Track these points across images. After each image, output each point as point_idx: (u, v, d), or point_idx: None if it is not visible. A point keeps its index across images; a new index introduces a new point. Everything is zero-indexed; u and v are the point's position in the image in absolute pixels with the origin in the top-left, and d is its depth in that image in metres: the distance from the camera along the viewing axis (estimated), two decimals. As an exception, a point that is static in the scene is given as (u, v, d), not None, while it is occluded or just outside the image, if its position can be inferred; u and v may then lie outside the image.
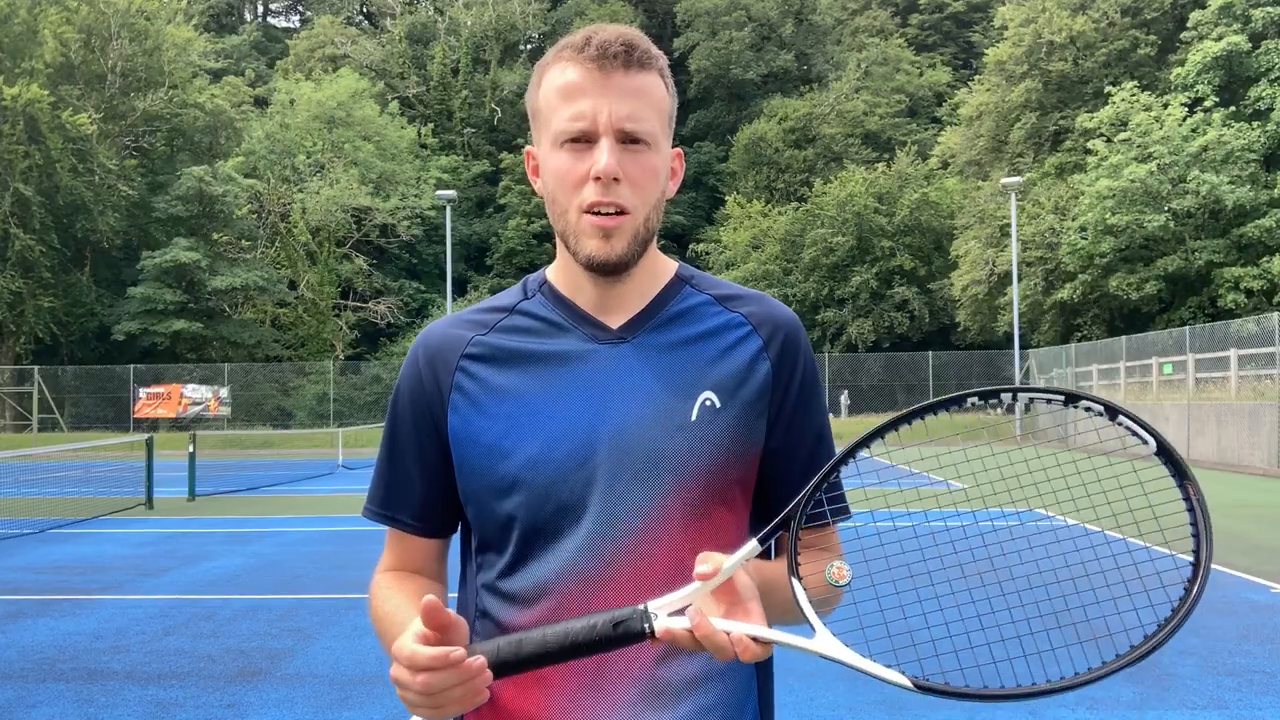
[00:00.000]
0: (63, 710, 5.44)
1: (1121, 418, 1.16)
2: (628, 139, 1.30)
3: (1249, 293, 33.26)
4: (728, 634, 1.12)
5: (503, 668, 1.15)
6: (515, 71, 57.73)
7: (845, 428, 36.62)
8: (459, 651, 1.11)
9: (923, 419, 1.21)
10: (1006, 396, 1.20)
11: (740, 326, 1.39)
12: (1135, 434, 1.16)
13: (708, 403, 1.34)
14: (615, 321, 1.38)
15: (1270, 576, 8.88)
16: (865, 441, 1.23)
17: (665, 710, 1.29)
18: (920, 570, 1.34)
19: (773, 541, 1.25)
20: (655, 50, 1.35)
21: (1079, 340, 37.05)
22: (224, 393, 41.13)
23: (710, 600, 1.15)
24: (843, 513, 1.38)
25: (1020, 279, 36.82)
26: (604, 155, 1.28)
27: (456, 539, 1.49)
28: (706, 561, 1.14)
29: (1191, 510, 1.14)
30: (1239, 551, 10.17)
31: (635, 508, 1.30)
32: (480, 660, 1.12)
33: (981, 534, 1.41)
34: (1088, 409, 1.18)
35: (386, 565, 1.47)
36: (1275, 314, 24.38)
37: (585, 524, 1.30)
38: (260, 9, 75.00)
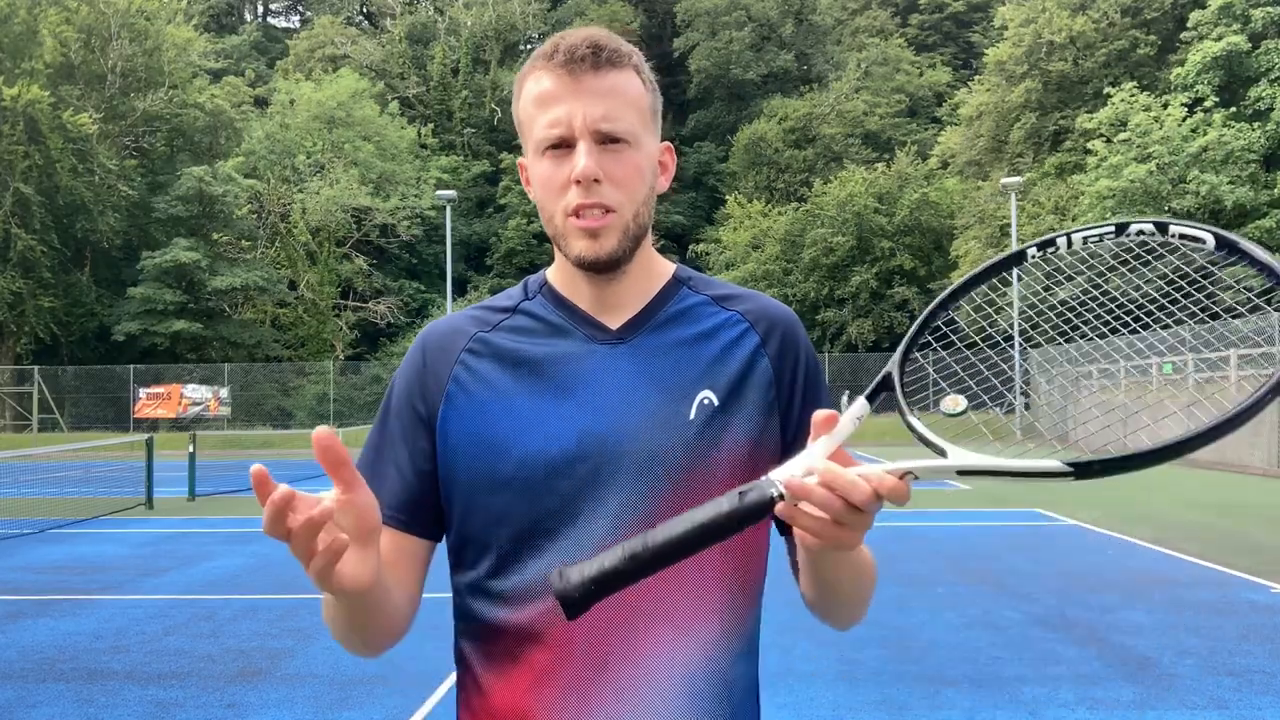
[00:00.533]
0: (63, 710, 5.44)
1: (1172, 226, 1.15)
2: (605, 139, 1.30)
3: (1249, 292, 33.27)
4: (860, 475, 1.06)
5: (631, 565, 1.05)
6: (515, 71, 57.05)
7: (862, 428, 36.61)
8: (284, 489, 1.09)
9: (1004, 271, 1.25)
10: (1062, 242, 1.22)
11: (737, 324, 1.40)
12: (1189, 237, 1.14)
13: (705, 401, 1.34)
14: (614, 322, 1.38)
15: (1270, 576, 8.88)
16: (967, 287, 1.25)
17: (671, 708, 1.29)
18: None
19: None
20: (626, 47, 1.35)
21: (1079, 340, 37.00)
22: (224, 393, 41.14)
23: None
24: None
25: (1020, 279, 36.75)
26: (582, 159, 1.29)
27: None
28: (824, 412, 1.10)
29: (1274, 274, 1.11)
30: (1239, 551, 10.17)
31: (632, 506, 1.30)
32: (285, 489, 1.09)
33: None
34: (1139, 231, 1.18)
35: None
36: (1275, 314, 24.38)
37: (580, 523, 1.30)
38: (260, 9, 75.02)
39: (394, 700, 5.53)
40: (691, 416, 1.33)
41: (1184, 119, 34.65)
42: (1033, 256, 1.23)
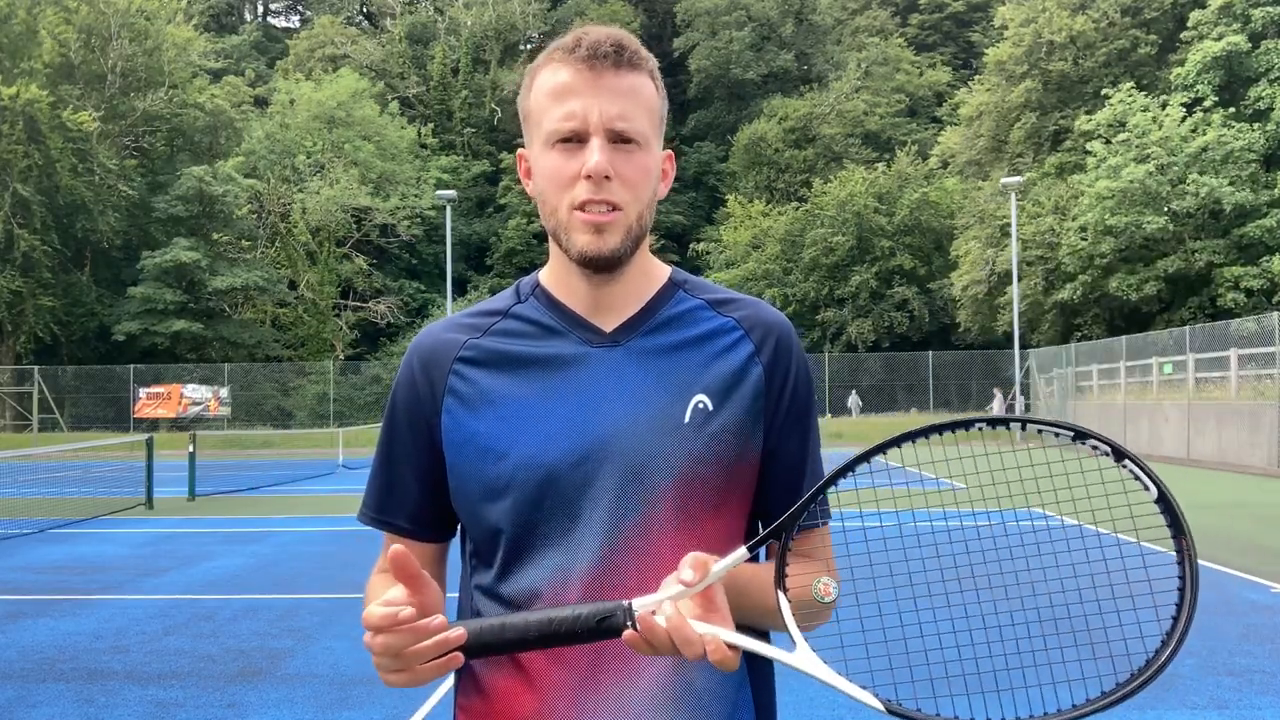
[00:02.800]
0: (63, 710, 5.44)
1: (1127, 461, 1.15)
2: (618, 138, 1.30)
3: (1249, 292, 33.25)
4: (700, 635, 1.13)
5: (484, 648, 1.16)
6: (515, 71, 57.70)
7: (854, 428, 36.62)
8: (408, 611, 1.12)
9: (927, 439, 1.21)
10: (1015, 425, 1.20)
11: (733, 331, 1.40)
12: (1138, 479, 1.15)
13: (700, 405, 1.34)
14: (608, 324, 1.38)
15: (1270, 576, 8.88)
16: (865, 457, 1.22)
17: (661, 714, 1.29)
18: (904, 584, 1.34)
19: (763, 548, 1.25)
20: (645, 52, 1.36)
21: (1079, 340, 37.04)
22: (224, 393, 41.13)
23: (688, 602, 1.16)
24: (824, 515, 1.40)
25: (1020, 279, 36.80)
26: (595, 154, 1.29)
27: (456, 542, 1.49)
28: (692, 568, 1.14)
29: (1181, 564, 1.14)
30: (1239, 551, 10.17)
31: (628, 510, 1.30)
32: (439, 620, 1.13)
33: (966, 540, 1.41)
34: (1094, 447, 1.17)
35: (381, 567, 1.46)
36: (1275, 314, 24.37)
37: (578, 527, 1.31)
38: (260, 9, 75.01)
39: (394, 700, 5.53)
40: (686, 420, 1.33)
41: (1183, 119, 34.64)
42: (978, 429, 1.22)
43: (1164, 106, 35.53)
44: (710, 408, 1.34)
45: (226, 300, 44.16)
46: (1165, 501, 1.15)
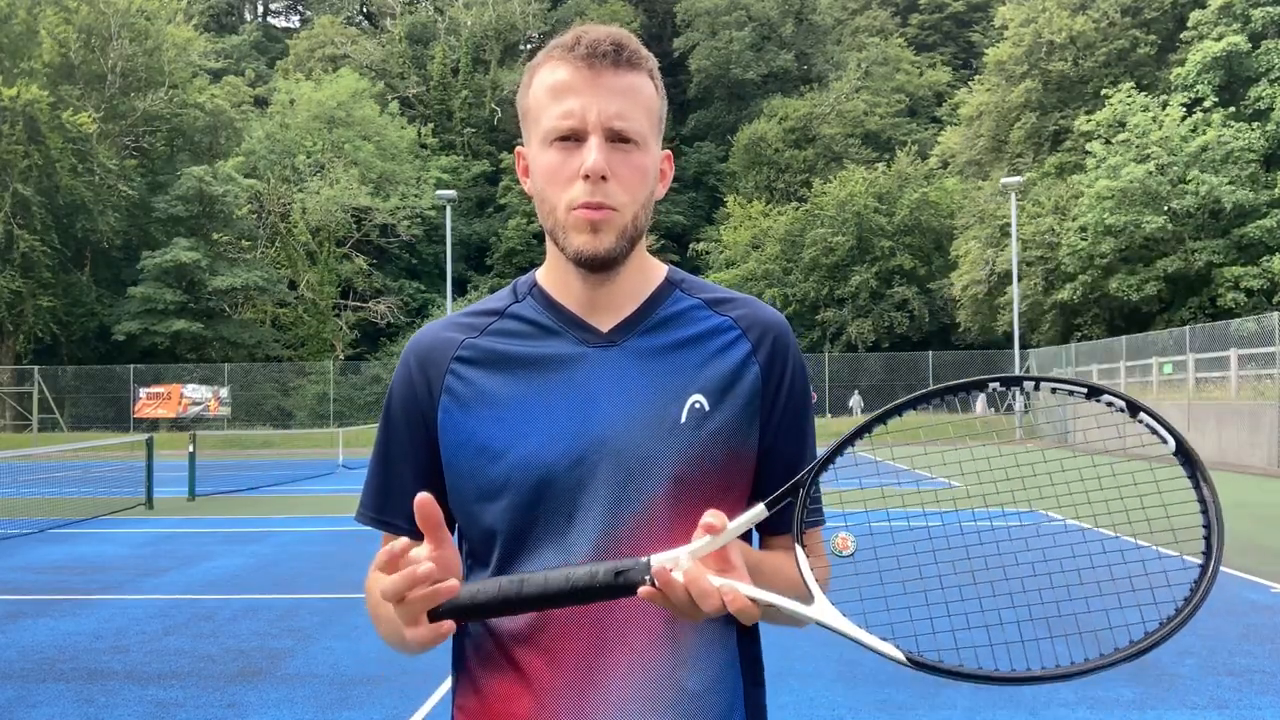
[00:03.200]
0: (63, 710, 5.44)
1: (1143, 414, 1.15)
2: (617, 138, 1.30)
3: (1249, 292, 33.25)
4: (718, 586, 1.14)
5: (505, 604, 1.17)
6: (515, 71, 57.72)
7: (853, 427, 36.58)
8: (420, 549, 1.14)
9: (942, 400, 1.21)
10: (1029, 385, 1.21)
11: (729, 330, 1.40)
12: (1155, 432, 1.15)
13: (696, 405, 1.34)
14: (605, 324, 1.38)
15: (1270, 576, 8.88)
16: (882, 418, 1.23)
17: (658, 715, 1.29)
18: (926, 558, 1.34)
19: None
20: (645, 51, 1.36)
21: (1079, 340, 37.05)
22: (224, 393, 41.14)
23: (706, 560, 1.17)
24: (820, 517, 1.40)
25: (1020, 279, 36.82)
26: (593, 153, 1.28)
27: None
28: (714, 516, 1.15)
29: (1205, 512, 1.13)
30: (1239, 551, 10.17)
31: (624, 510, 1.30)
32: (429, 568, 1.13)
33: (979, 531, 1.41)
34: (1109, 404, 1.18)
35: (379, 564, 1.46)
36: (1275, 314, 24.38)
37: (574, 527, 1.31)
38: (260, 9, 75.02)
39: (394, 700, 5.54)
40: (683, 420, 1.33)
41: (1183, 119, 34.64)
42: (992, 390, 1.22)
43: (1164, 106, 35.53)
44: (707, 407, 1.34)
45: (226, 300, 44.16)
46: (1184, 452, 1.15)
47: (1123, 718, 5.21)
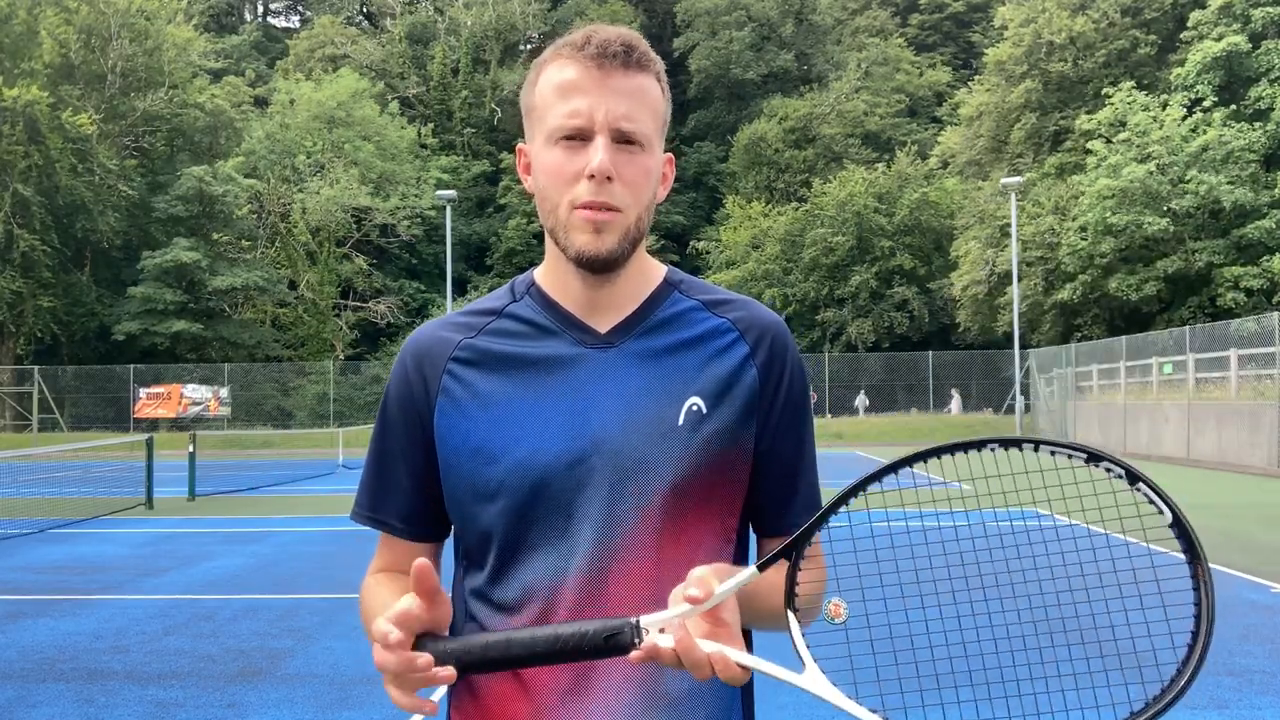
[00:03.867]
0: (63, 710, 5.44)
1: (1141, 485, 1.14)
2: (623, 139, 1.30)
3: (1249, 292, 33.24)
4: (708, 655, 1.12)
5: (488, 664, 1.15)
6: (515, 71, 57.72)
7: (854, 428, 36.62)
8: (397, 635, 1.12)
9: (939, 459, 1.19)
10: (1029, 446, 1.19)
11: (728, 332, 1.39)
12: (1153, 503, 1.14)
13: (694, 408, 1.33)
14: (603, 325, 1.37)
15: (1270, 576, 8.88)
16: (877, 476, 1.21)
17: (656, 715, 1.29)
18: (914, 600, 1.33)
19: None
20: (653, 54, 1.36)
21: (1079, 340, 37.04)
22: (224, 393, 41.14)
23: (696, 619, 1.15)
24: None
25: (1020, 279, 36.80)
26: (598, 153, 1.28)
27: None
28: (699, 585, 1.12)
29: (1197, 590, 1.12)
30: (1239, 551, 10.17)
31: (622, 512, 1.30)
32: (426, 659, 1.12)
33: (976, 551, 1.41)
34: (1108, 469, 1.16)
35: (376, 568, 1.46)
36: (1275, 314, 24.37)
37: (571, 529, 1.30)
38: (260, 9, 75.01)
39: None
40: (680, 422, 1.32)
41: (1184, 119, 34.64)
42: (992, 448, 1.20)
43: (1164, 106, 35.52)
44: (704, 410, 1.34)
45: (226, 300, 44.15)
46: (1180, 526, 1.14)
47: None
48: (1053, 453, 1.18)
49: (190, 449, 17.42)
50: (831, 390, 41.85)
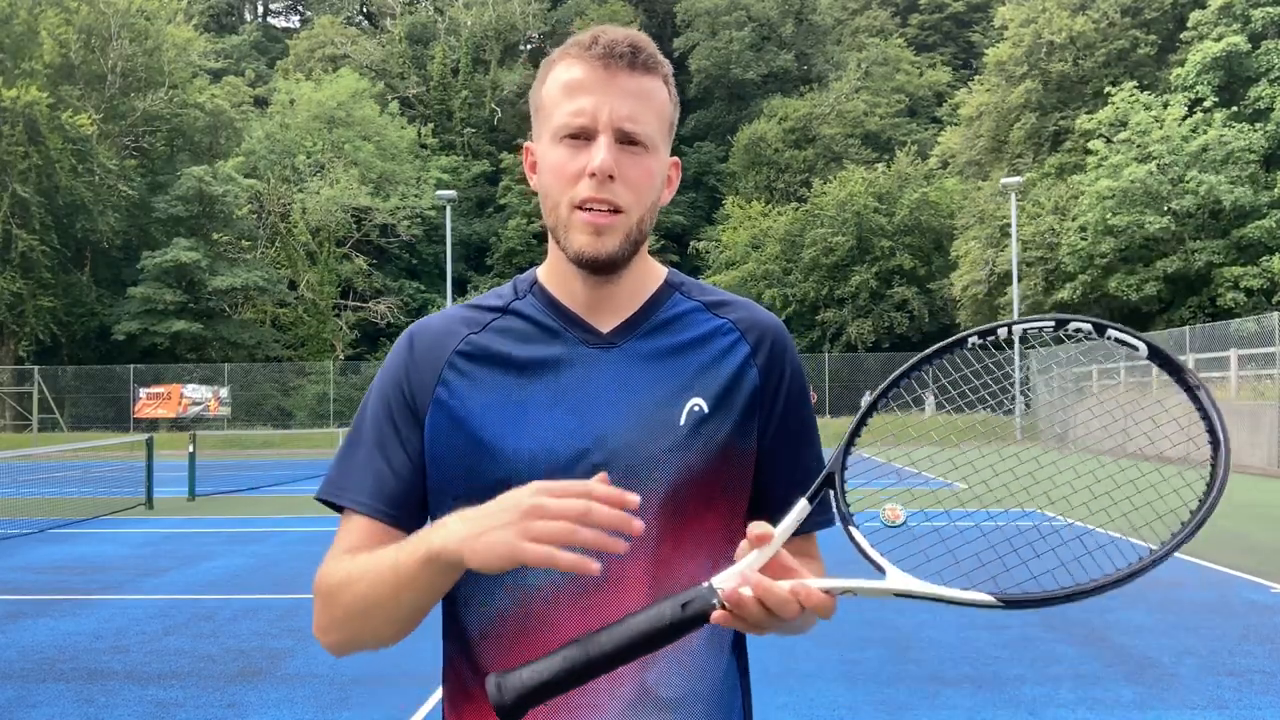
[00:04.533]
0: (63, 710, 5.44)
1: (1110, 330, 1.16)
2: (626, 139, 1.30)
3: (1249, 292, 33.25)
4: (790, 589, 1.11)
5: (574, 676, 1.08)
6: (515, 71, 57.73)
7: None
8: (634, 497, 1.09)
9: (931, 364, 1.23)
10: (1003, 332, 1.23)
11: (728, 333, 1.40)
12: (1125, 343, 1.16)
13: (695, 408, 1.33)
14: (605, 325, 1.37)
15: (1270, 576, 8.88)
16: (885, 390, 1.25)
17: (656, 714, 1.29)
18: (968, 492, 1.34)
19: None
20: (661, 57, 1.36)
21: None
22: (224, 393, 41.14)
23: (764, 570, 1.15)
24: (828, 522, 1.37)
25: (1020, 279, 36.81)
26: (601, 152, 1.28)
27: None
28: (760, 527, 1.14)
29: (1197, 400, 1.13)
30: (1239, 551, 10.17)
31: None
32: (628, 495, 1.09)
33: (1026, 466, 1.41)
34: (1077, 329, 1.19)
35: (346, 547, 1.38)
36: (1275, 314, 24.38)
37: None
38: (260, 9, 75.03)
39: (394, 700, 5.53)
40: (681, 423, 1.32)
41: (1184, 119, 34.64)
42: (973, 344, 1.24)
43: (1165, 106, 35.54)
44: (705, 410, 1.34)
45: (226, 300, 44.15)
46: (1159, 354, 1.16)
47: (1123, 718, 5.21)
48: (1025, 330, 1.22)
49: (190, 449, 17.42)
50: (831, 390, 41.85)
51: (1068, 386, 34.39)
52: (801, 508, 1.18)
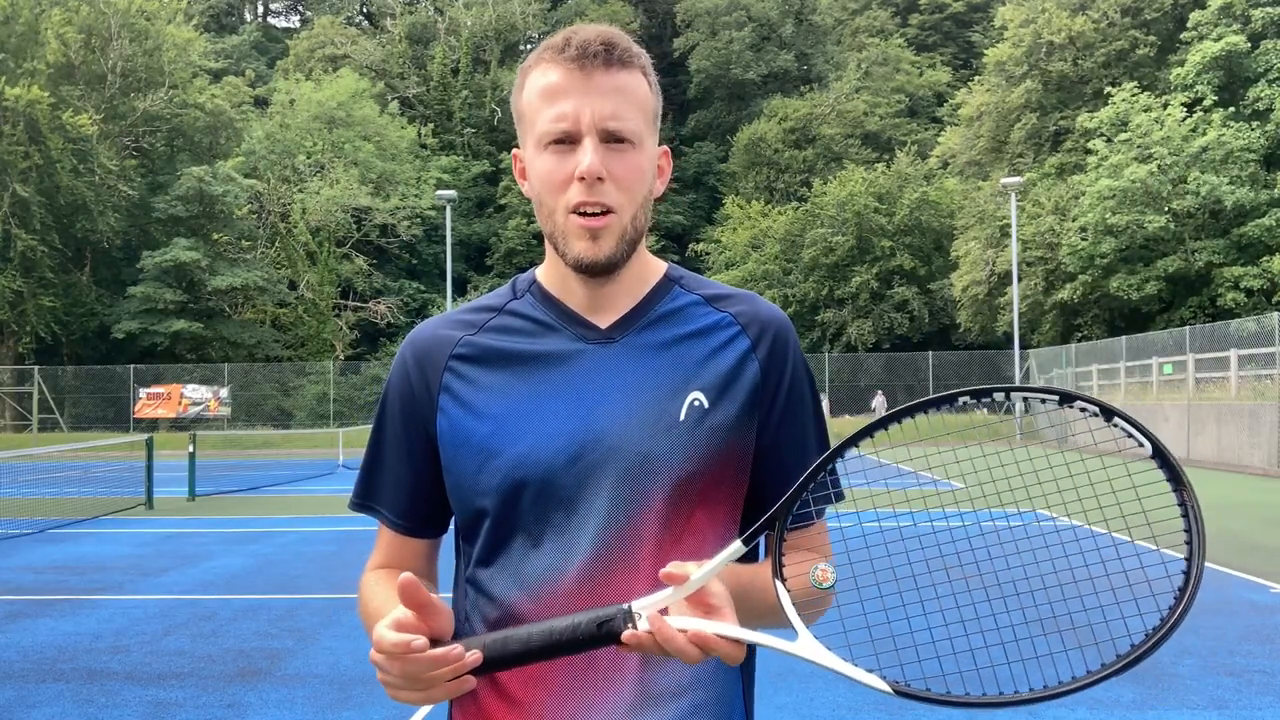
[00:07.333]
0: (63, 710, 5.44)
1: (1117, 419, 1.13)
2: (611, 138, 1.29)
3: (1249, 292, 33.26)
4: (685, 633, 1.12)
5: (488, 664, 1.16)
6: (515, 72, 57.36)
7: (854, 428, 36.58)
8: (420, 641, 1.13)
9: (913, 418, 1.20)
10: (1000, 395, 1.19)
11: (729, 327, 1.39)
12: (1131, 436, 1.14)
13: (696, 402, 1.33)
14: (604, 321, 1.38)
15: (1270, 576, 8.88)
16: (853, 440, 1.22)
17: (654, 712, 1.29)
18: (906, 573, 1.32)
19: (760, 540, 1.24)
20: (636, 48, 1.35)
21: (1079, 340, 37.05)
22: (224, 393, 41.14)
23: (685, 605, 1.15)
24: (837, 498, 1.37)
25: (1020, 279, 36.81)
26: (587, 155, 1.28)
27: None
28: (675, 567, 1.14)
29: (1186, 516, 1.12)
30: (1239, 551, 10.17)
31: (623, 507, 1.30)
32: (458, 649, 1.13)
33: (969, 536, 1.41)
34: (1083, 409, 1.16)
35: (374, 564, 1.47)
36: (1275, 314, 24.38)
37: (573, 524, 1.30)
38: (260, 9, 75.02)
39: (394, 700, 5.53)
40: (682, 417, 1.32)
41: (1184, 119, 34.64)
42: (963, 403, 1.21)
43: (1165, 106, 35.54)
44: (706, 404, 1.34)
45: (226, 300, 44.15)
46: (1161, 456, 1.14)
47: (1123, 718, 5.21)
48: (1025, 398, 1.19)
49: (190, 449, 17.42)
50: (831, 390, 41.86)
51: (1068, 389, 34.35)
52: (735, 548, 1.18)
